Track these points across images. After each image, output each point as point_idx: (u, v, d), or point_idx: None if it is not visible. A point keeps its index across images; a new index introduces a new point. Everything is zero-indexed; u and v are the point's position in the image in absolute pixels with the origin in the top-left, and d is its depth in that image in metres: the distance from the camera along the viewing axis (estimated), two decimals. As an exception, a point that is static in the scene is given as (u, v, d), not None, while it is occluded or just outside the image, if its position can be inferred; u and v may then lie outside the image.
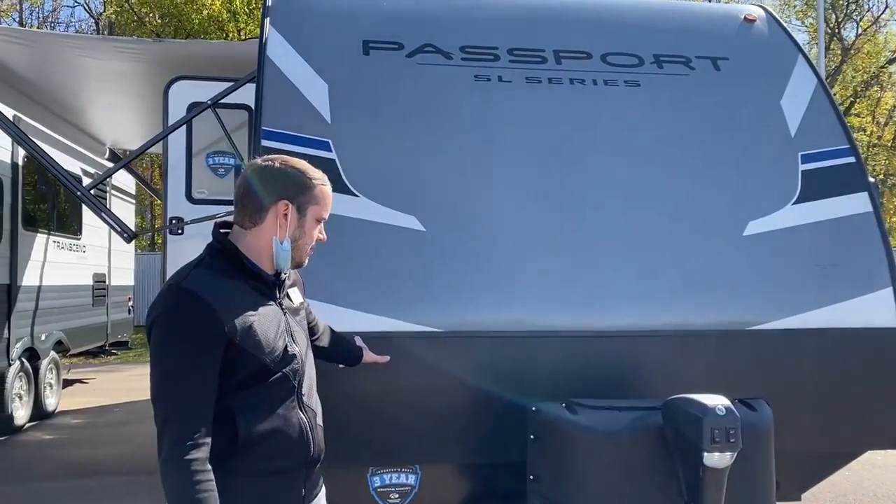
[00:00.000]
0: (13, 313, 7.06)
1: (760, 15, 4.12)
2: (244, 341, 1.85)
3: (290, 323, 2.02)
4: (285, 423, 1.92)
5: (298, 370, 1.98)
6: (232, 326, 1.83)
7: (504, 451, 2.95)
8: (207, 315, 1.80)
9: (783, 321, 3.15)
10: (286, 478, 1.94)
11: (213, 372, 1.82)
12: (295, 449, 1.94)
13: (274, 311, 1.97)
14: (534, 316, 3.04)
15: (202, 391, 1.81)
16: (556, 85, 3.62)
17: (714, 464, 2.49)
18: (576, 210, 3.30)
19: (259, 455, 1.88)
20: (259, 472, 1.89)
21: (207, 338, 1.80)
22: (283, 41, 3.46)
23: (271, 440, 1.89)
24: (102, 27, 22.86)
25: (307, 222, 2.00)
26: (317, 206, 2.01)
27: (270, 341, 1.91)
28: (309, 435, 1.96)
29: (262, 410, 1.89)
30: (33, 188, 7.88)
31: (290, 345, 1.97)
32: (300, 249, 2.01)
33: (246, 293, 1.92)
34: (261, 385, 1.90)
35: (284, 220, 1.96)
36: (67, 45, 6.16)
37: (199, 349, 1.80)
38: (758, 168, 3.56)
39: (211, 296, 1.83)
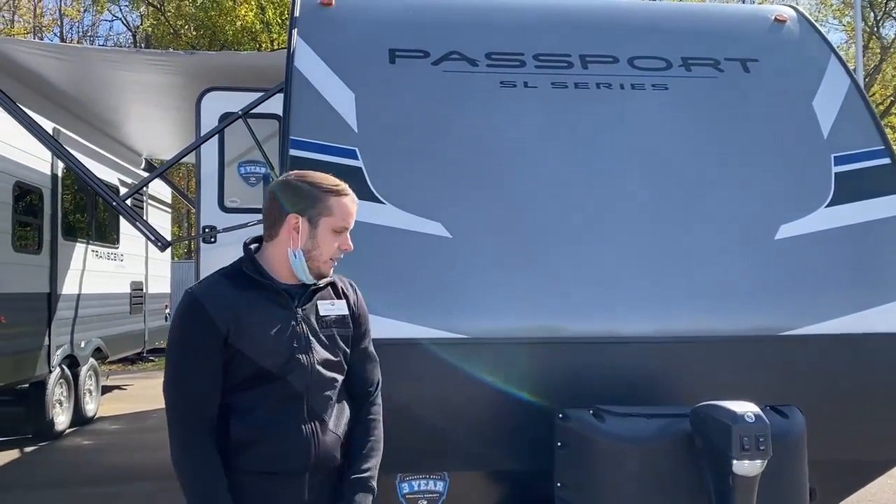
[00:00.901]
0: (53, 321, 7.23)
1: (791, 15, 4.06)
2: (239, 342, 1.95)
3: (305, 331, 2.04)
4: (284, 428, 1.98)
5: (307, 379, 2.01)
6: (227, 328, 1.94)
7: (531, 458, 2.94)
8: (203, 317, 1.94)
9: (815, 327, 3.09)
10: (285, 481, 1.98)
11: (214, 370, 1.95)
12: (292, 454, 1.98)
13: (284, 319, 2.02)
14: (560, 322, 3.02)
15: (202, 389, 1.95)
16: (582, 89, 3.61)
17: (744, 472, 2.45)
18: (603, 215, 3.28)
19: (254, 455, 1.96)
20: (256, 472, 1.97)
21: (203, 337, 1.94)
22: (311, 52, 3.50)
23: (266, 443, 1.96)
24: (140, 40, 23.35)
25: (319, 234, 2.04)
26: (330, 217, 2.04)
27: (270, 347, 1.98)
28: (311, 442, 1.99)
29: (259, 413, 1.97)
30: (72, 199, 8.07)
31: (298, 354, 2.01)
32: (315, 260, 2.05)
33: (253, 300, 2.00)
34: (260, 388, 1.97)
35: (296, 233, 2.03)
36: (104, 59, 6.32)
37: (195, 349, 1.95)
38: (789, 171, 3.50)
39: (207, 298, 1.97)
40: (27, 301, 6.86)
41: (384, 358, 2.92)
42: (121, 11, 23.66)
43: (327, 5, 3.70)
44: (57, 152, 5.22)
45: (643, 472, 2.64)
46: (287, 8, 16.80)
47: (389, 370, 2.85)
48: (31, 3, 24.58)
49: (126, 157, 8.99)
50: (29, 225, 7.09)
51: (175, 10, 19.73)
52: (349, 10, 3.75)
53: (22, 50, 5.77)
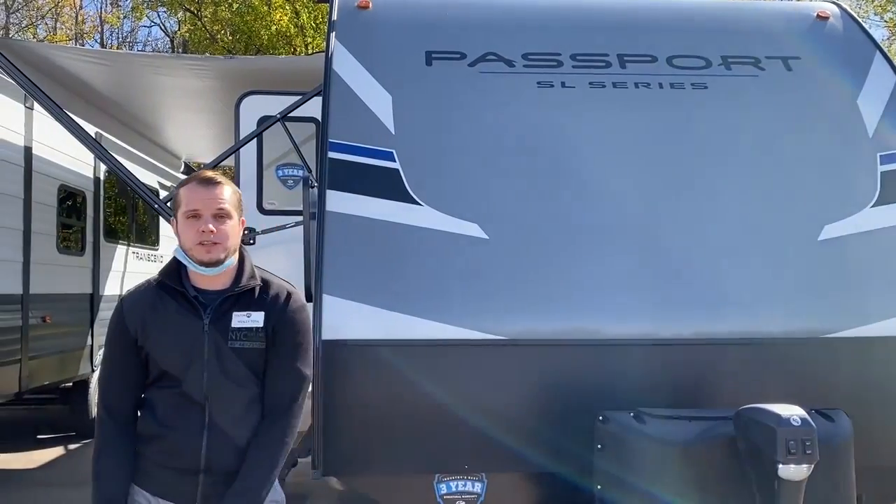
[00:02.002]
0: (96, 321, 7.37)
1: (834, 12, 3.98)
2: (145, 343, 2.13)
3: (208, 341, 2.11)
4: (178, 428, 2.11)
5: (203, 385, 2.10)
6: (135, 329, 2.13)
7: (571, 461, 2.92)
8: (118, 317, 2.18)
9: (860, 329, 3.03)
10: (180, 476, 2.12)
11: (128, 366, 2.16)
12: (182, 454, 2.10)
13: (190, 326, 2.12)
14: (599, 324, 3.00)
15: (118, 383, 2.18)
16: (620, 89, 3.58)
17: (790, 476, 2.41)
18: (642, 216, 3.25)
19: (154, 449, 2.13)
20: (157, 462, 2.14)
21: (118, 336, 2.17)
22: (349, 54, 3.53)
23: (160, 440, 2.12)
24: (177, 45, 23.73)
25: (180, 225, 2.17)
26: (181, 207, 2.16)
27: (171, 350, 2.12)
28: (203, 447, 2.09)
29: (159, 411, 2.13)
30: (114, 202, 8.23)
31: (196, 360, 2.10)
32: (187, 250, 2.15)
33: (165, 305, 2.15)
34: (165, 389, 2.14)
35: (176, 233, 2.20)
36: (145, 64, 6.45)
37: (114, 346, 2.20)
38: (833, 170, 3.43)
39: (127, 301, 2.19)
40: (71, 301, 7.01)
41: (421, 359, 2.95)
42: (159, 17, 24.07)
43: (364, 8, 3.72)
44: (101, 156, 5.32)
45: (685, 476, 2.61)
46: (321, 12, 16.93)
47: (427, 371, 2.87)
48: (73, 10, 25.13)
49: (165, 160, 9.15)
50: (72, 227, 7.24)
51: (211, 16, 20.00)
52: (386, 12, 3.76)
53: (66, 56, 5.91)
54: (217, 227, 2.10)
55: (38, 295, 6.34)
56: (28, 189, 6.30)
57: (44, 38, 23.14)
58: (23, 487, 5.94)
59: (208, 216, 2.10)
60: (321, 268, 2.98)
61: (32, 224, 6.31)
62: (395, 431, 2.88)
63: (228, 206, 2.14)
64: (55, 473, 6.39)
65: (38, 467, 6.54)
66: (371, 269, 3.01)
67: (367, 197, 3.16)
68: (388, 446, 2.90)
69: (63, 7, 24.70)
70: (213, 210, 2.11)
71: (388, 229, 3.10)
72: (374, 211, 3.13)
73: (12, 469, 6.45)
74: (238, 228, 2.18)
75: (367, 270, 3.01)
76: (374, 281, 2.97)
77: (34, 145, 6.44)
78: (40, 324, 6.36)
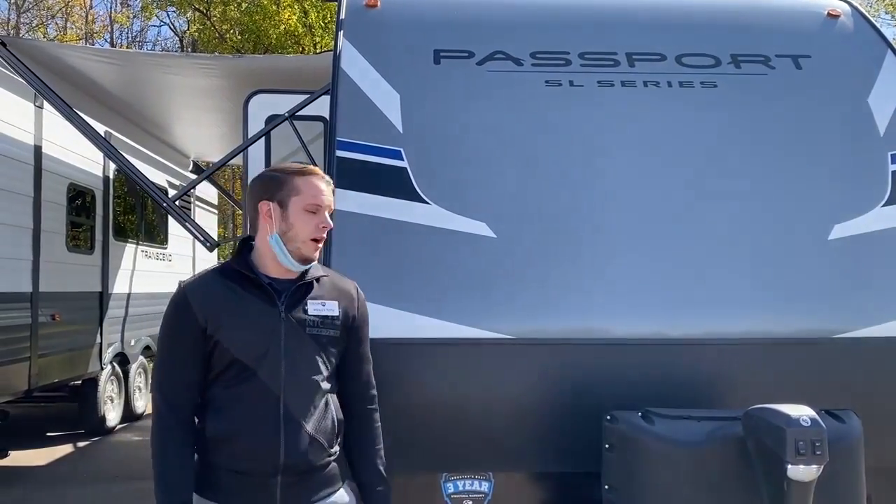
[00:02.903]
0: (105, 320, 7.42)
1: (845, 9, 3.95)
2: (217, 333, 2.01)
3: (285, 329, 2.04)
4: (254, 427, 1.99)
5: (282, 378, 2.01)
6: (205, 319, 2.01)
7: (578, 460, 2.91)
8: (185, 307, 2.03)
9: (871, 329, 3.00)
10: (256, 480, 1.99)
11: (193, 361, 2.03)
12: (261, 454, 1.98)
13: (266, 315, 2.04)
14: (608, 323, 2.99)
15: (182, 377, 2.03)
16: (629, 88, 3.56)
17: (799, 477, 2.39)
18: (650, 215, 3.23)
19: (228, 452, 2.00)
20: (229, 468, 1.99)
21: (184, 328, 2.03)
22: (357, 53, 3.53)
23: (237, 441, 1.99)
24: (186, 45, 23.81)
25: (291, 214, 2.07)
26: (298, 196, 2.07)
27: (249, 341, 2.01)
28: (282, 444, 1.98)
29: (233, 410, 2.00)
30: (123, 200, 8.27)
31: (275, 351, 2.01)
32: (292, 241, 2.06)
33: (237, 293, 2.05)
34: (239, 385, 2.01)
35: (269, 218, 2.08)
36: (154, 63, 6.46)
37: (178, 338, 2.05)
38: (843, 169, 3.41)
39: (193, 291, 2.05)
40: (80, 300, 7.05)
41: (429, 357, 2.94)
42: (168, 17, 24.17)
43: (373, 7, 3.72)
44: (110, 154, 5.34)
45: (693, 476, 2.60)
46: (330, 11, 16.95)
47: (434, 370, 2.86)
48: (83, 10, 25.25)
49: (174, 158, 9.18)
50: (82, 225, 7.28)
51: (220, 15, 20.06)
52: (394, 11, 3.76)
53: (75, 55, 5.93)
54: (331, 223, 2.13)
55: (48, 293, 6.38)
56: (38, 188, 6.34)
57: (54, 37, 23.26)
58: (32, 484, 5.98)
59: (326, 213, 2.11)
60: (329, 266, 2.98)
61: (42, 222, 6.35)
62: (401, 430, 2.88)
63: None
64: (64, 471, 6.43)
65: (47, 464, 6.58)
66: (378, 268, 3.01)
67: (374, 195, 3.15)
68: (394, 445, 2.89)
69: (73, 7, 24.82)
70: (330, 208, 2.13)
71: (396, 228, 3.10)
72: (382, 209, 3.12)
73: (22, 466, 6.49)
74: None
75: (375, 269, 3.00)
76: (382, 279, 2.97)
77: (44, 144, 6.48)
78: (50, 322, 6.41)
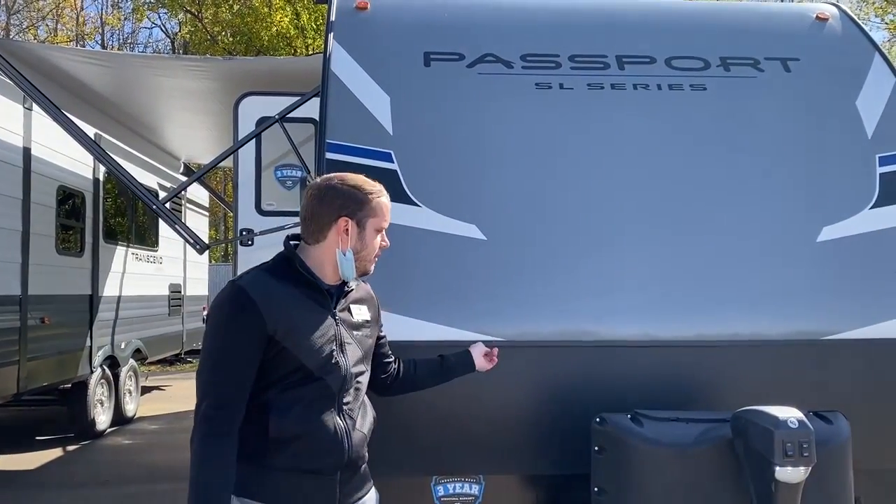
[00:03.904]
0: (95, 323, 7.38)
1: (833, 13, 3.98)
2: (285, 340, 1.97)
3: (342, 334, 2.10)
4: (319, 426, 2.01)
5: (342, 379, 2.06)
6: (274, 324, 1.96)
7: (568, 463, 2.92)
8: (251, 310, 1.94)
9: (859, 331, 3.02)
10: (319, 479, 2.02)
11: (251, 364, 1.96)
12: (327, 452, 2.02)
13: (325, 320, 2.07)
14: (598, 326, 2.99)
15: (237, 379, 1.96)
16: (619, 91, 3.57)
17: (787, 479, 2.40)
18: (640, 218, 3.24)
19: (291, 453, 1.99)
20: (291, 469, 1.99)
21: (248, 330, 1.94)
22: (347, 55, 3.52)
23: (303, 440, 1.99)
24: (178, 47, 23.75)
25: (367, 234, 2.12)
26: (375, 218, 2.13)
27: (314, 346, 2.01)
28: (345, 441, 2.04)
29: (296, 411, 1.99)
30: (113, 202, 8.23)
31: (336, 354, 2.06)
32: (362, 260, 2.14)
33: (298, 298, 2.04)
34: (299, 387, 2.00)
35: (346, 235, 2.09)
36: (144, 65, 6.43)
37: (239, 340, 1.95)
38: (832, 172, 3.43)
39: (258, 293, 1.97)
40: (70, 303, 7.02)
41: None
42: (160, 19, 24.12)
43: (363, 9, 3.72)
44: (99, 157, 5.32)
45: (682, 478, 2.60)
46: (321, 13, 16.95)
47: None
48: (74, 11, 25.14)
49: (165, 161, 9.15)
50: (71, 228, 7.25)
51: (212, 17, 20.02)
52: (384, 13, 3.76)
53: (65, 57, 5.90)
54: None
55: (37, 296, 6.34)
56: (27, 190, 6.31)
57: (44, 39, 23.16)
58: (21, 488, 5.94)
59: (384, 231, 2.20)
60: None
61: (31, 225, 6.32)
62: (392, 433, 2.87)
63: None
64: (54, 475, 6.39)
65: (35, 468, 6.54)
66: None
67: (364, 198, 3.15)
68: (385, 448, 2.88)
69: (64, 8, 24.73)
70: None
71: (386, 230, 3.09)
72: (372, 212, 3.12)
73: (10, 470, 6.45)
74: None
75: (365, 272, 2.99)
76: (372, 282, 2.96)
77: (33, 146, 6.45)
78: (39, 325, 6.37)
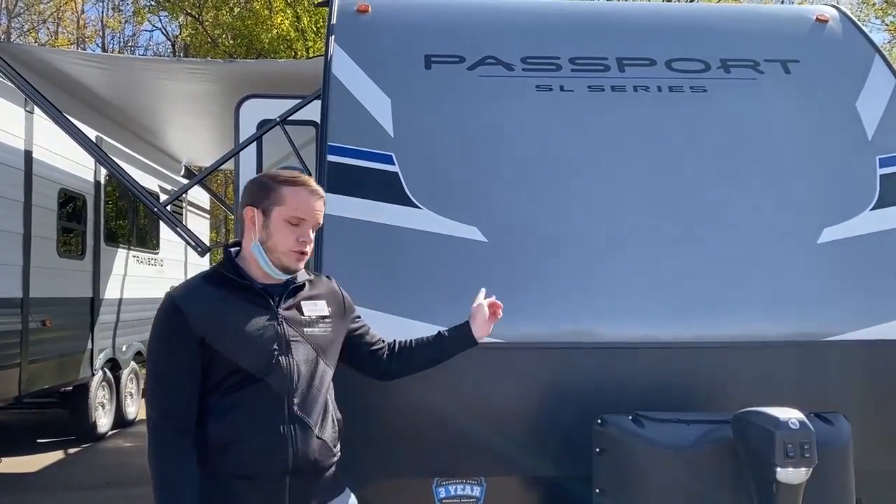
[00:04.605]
0: (96, 325, 7.38)
1: (833, 15, 3.98)
2: (216, 343, 1.98)
3: (286, 333, 2.05)
4: (259, 430, 1.98)
5: (288, 380, 2.01)
6: (202, 329, 1.97)
7: (570, 464, 2.92)
8: (178, 318, 1.98)
9: (861, 332, 3.02)
10: (263, 485, 1.97)
11: (189, 371, 1.98)
12: (267, 457, 1.97)
13: (263, 320, 2.04)
14: (599, 327, 3.00)
15: (177, 388, 1.98)
16: (619, 93, 3.58)
17: (788, 480, 2.40)
18: (641, 219, 3.25)
19: (230, 458, 1.97)
20: (232, 475, 1.97)
21: (179, 338, 1.98)
22: (348, 58, 3.53)
23: (241, 445, 1.97)
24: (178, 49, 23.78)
25: (273, 224, 2.07)
26: (282, 206, 2.07)
27: (250, 347, 1.99)
28: (291, 446, 1.99)
29: (235, 415, 1.98)
30: (114, 205, 8.24)
31: (278, 354, 2.02)
32: (273, 252, 2.07)
33: (232, 301, 2.03)
34: (241, 389, 1.98)
35: (252, 224, 2.08)
36: (145, 68, 6.44)
37: (172, 349, 2.00)
38: (832, 173, 3.43)
39: (185, 300, 2.01)
40: (71, 305, 7.02)
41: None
42: (160, 22, 24.13)
43: (364, 12, 3.73)
44: (101, 160, 5.32)
45: (683, 479, 2.60)
46: (322, 16, 16.97)
47: (425, 374, 2.85)
48: (75, 14, 25.19)
49: (166, 164, 9.15)
50: (73, 231, 7.25)
51: (213, 20, 20.04)
52: (385, 16, 3.77)
53: (67, 60, 5.91)
54: (312, 239, 2.12)
55: (38, 299, 6.35)
56: (28, 193, 6.31)
57: (45, 42, 23.18)
58: (22, 491, 5.94)
59: (309, 227, 2.10)
60: (320, 271, 2.98)
61: (33, 228, 6.33)
62: (393, 435, 2.88)
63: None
64: (55, 477, 6.39)
65: (37, 471, 6.54)
66: (370, 273, 3.01)
67: (366, 200, 3.16)
68: (386, 450, 2.89)
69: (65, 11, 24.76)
70: (315, 222, 2.11)
71: (387, 232, 3.10)
72: (373, 214, 3.13)
73: (12, 473, 6.45)
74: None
75: (366, 274, 3.00)
76: (373, 284, 2.97)
77: (34, 149, 6.46)
78: (40, 328, 6.37)
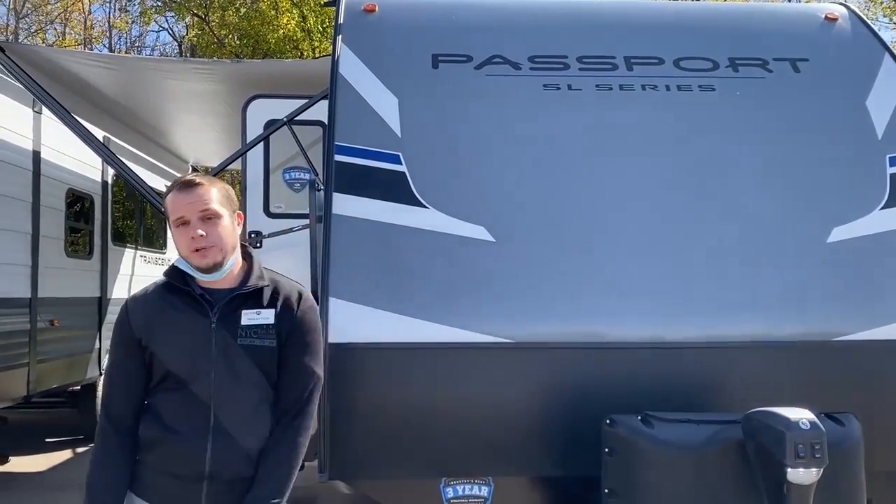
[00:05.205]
0: (104, 325, 7.39)
1: (842, 13, 3.96)
2: (151, 345, 2.07)
3: (216, 339, 2.04)
4: (182, 433, 2.03)
5: (210, 387, 2.03)
6: (140, 330, 2.08)
7: (578, 464, 2.91)
8: (124, 319, 2.12)
9: (871, 332, 3.01)
10: (182, 483, 2.04)
11: (132, 371, 2.10)
12: (183, 460, 2.03)
13: (197, 325, 2.06)
14: (606, 327, 2.99)
15: (120, 388, 2.11)
16: (627, 91, 3.57)
17: (799, 480, 2.39)
18: (650, 219, 3.24)
19: (156, 455, 2.06)
20: (159, 469, 2.06)
21: (123, 339, 2.12)
22: (355, 58, 3.53)
23: (163, 444, 2.05)
24: (185, 50, 23.83)
25: (174, 233, 2.13)
26: (169, 215, 2.13)
27: (178, 351, 2.05)
28: (207, 452, 2.01)
29: (163, 415, 2.06)
30: (121, 205, 8.25)
31: (204, 360, 2.03)
32: (183, 256, 2.12)
33: (173, 304, 2.10)
34: (172, 391, 2.06)
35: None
36: (153, 68, 6.45)
37: (118, 350, 2.14)
38: (842, 172, 3.42)
39: (133, 303, 2.15)
40: (79, 305, 7.03)
41: (428, 362, 2.94)
42: (167, 22, 24.18)
43: (371, 11, 3.73)
44: (108, 160, 5.34)
45: (693, 480, 2.60)
46: (328, 16, 16.97)
47: (434, 375, 2.86)
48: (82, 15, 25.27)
49: (173, 163, 9.17)
50: (80, 231, 7.27)
51: (219, 20, 20.07)
52: (392, 15, 3.77)
53: (74, 60, 5.92)
54: (207, 230, 2.03)
55: (46, 298, 6.36)
56: (36, 193, 6.33)
57: (53, 42, 23.26)
58: (30, 490, 5.96)
59: (196, 221, 2.04)
60: (328, 271, 2.98)
61: (41, 228, 6.34)
62: (401, 435, 2.87)
63: (215, 205, 2.05)
64: (63, 476, 6.40)
65: (45, 470, 6.56)
66: (377, 272, 3.01)
67: (373, 200, 3.16)
68: (395, 450, 2.89)
69: (72, 12, 24.84)
70: (198, 214, 2.04)
71: (395, 232, 3.10)
72: (381, 214, 3.13)
73: (20, 472, 6.47)
74: (233, 226, 2.10)
75: (374, 273, 3.00)
76: (381, 284, 2.97)
77: (42, 149, 6.47)
78: (48, 327, 6.38)
